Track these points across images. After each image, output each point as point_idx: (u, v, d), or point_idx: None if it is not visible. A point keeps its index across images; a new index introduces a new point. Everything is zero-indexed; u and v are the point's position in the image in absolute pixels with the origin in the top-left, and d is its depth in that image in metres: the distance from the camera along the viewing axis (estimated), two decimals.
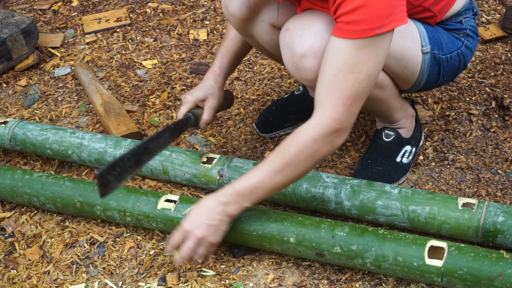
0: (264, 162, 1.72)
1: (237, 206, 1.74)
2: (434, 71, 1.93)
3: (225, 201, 1.73)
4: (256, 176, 1.72)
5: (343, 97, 1.62)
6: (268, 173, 1.71)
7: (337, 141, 1.68)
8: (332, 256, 1.76)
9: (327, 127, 1.65)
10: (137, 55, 2.77)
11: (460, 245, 1.69)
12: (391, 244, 1.71)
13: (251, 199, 1.73)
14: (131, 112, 2.47)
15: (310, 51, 1.70)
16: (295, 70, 1.76)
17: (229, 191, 1.74)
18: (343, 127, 1.66)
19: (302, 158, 1.68)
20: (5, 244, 2.03)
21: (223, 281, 1.86)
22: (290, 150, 1.68)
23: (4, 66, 2.69)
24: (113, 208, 1.95)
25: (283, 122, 2.30)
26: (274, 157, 1.70)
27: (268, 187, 1.72)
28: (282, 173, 1.70)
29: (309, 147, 1.67)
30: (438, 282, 1.68)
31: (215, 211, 1.74)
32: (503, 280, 1.61)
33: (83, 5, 3.11)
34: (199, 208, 1.76)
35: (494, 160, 2.16)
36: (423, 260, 1.67)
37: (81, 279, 1.90)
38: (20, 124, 2.23)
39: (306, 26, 1.71)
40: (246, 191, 1.72)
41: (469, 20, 1.96)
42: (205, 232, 1.73)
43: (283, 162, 1.69)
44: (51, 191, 2.02)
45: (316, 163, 1.70)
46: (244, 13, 1.91)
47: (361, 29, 1.56)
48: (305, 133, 1.67)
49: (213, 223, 1.74)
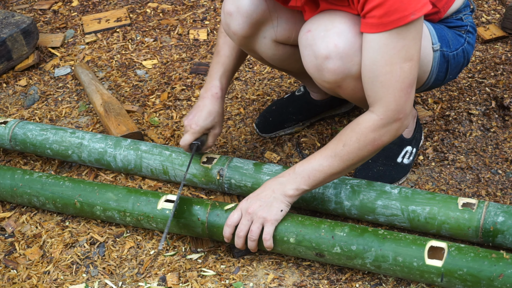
0: (324, 148, 1.76)
1: (295, 186, 1.77)
2: (442, 68, 1.92)
3: (282, 180, 1.78)
4: (316, 160, 1.75)
5: (405, 88, 1.66)
6: (328, 158, 1.74)
7: (402, 128, 1.72)
8: (332, 256, 1.76)
9: (390, 118, 1.69)
10: (137, 55, 2.77)
11: (460, 245, 1.69)
12: (391, 244, 1.71)
13: (309, 181, 1.76)
14: (131, 112, 2.47)
15: (335, 52, 1.68)
16: (317, 72, 1.74)
17: (289, 171, 1.79)
18: (406, 115, 1.70)
19: (364, 146, 1.71)
20: (5, 244, 2.03)
21: (223, 281, 1.86)
22: (352, 140, 1.71)
23: (4, 66, 2.69)
24: (113, 208, 1.95)
25: (283, 122, 2.30)
26: (333, 144, 1.74)
27: (327, 171, 1.75)
28: (343, 160, 1.73)
29: (371, 137, 1.70)
30: (438, 282, 1.68)
31: (271, 188, 1.78)
32: (502, 280, 1.60)
33: (83, 5, 3.11)
34: (259, 188, 1.81)
35: (494, 160, 2.16)
36: (423, 260, 1.67)
37: (81, 279, 1.90)
38: (20, 124, 2.23)
39: (329, 27, 1.69)
40: (304, 173, 1.76)
41: (468, 17, 1.97)
42: (257, 207, 1.77)
43: (344, 150, 1.72)
44: (51, 191, 2.02)
45: (378, 150, 1.74)
46: (246, 31, 1.90)
47: (397, 18, 1.57)
48: (367, 125, 1.70)
49: (266, 199, 1.77)
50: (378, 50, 1.63)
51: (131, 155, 2.12)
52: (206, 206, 1.87)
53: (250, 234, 1.78)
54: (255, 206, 1.77)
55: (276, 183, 1.79)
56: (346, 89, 1.77)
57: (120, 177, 2.20)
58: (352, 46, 1.68)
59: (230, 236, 1.81)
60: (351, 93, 1.79)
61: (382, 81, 1.65)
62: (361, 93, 1.76)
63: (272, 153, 2.25)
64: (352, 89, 1.77)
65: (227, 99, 2.50)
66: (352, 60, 1.69)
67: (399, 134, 1.74)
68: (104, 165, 2.17)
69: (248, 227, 1.78)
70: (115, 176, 2.20)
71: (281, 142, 2.29)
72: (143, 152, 2.12)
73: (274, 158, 2.23)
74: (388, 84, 1.65)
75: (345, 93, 1.79)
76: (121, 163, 2.14)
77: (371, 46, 1.63)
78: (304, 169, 1.76)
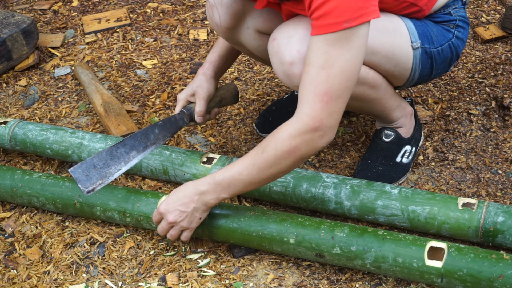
0: (245, 156, 1.73)
1: (215, 196, 1.75)
2: (426, 65, 1.93)
3: (203, 190, 1.76)
4: (235, 169, 1.73)
5: (319, 94, 1.60)
6: (247, 167, 1.71)
7: (319, 142, 1.64)
8: (331, 257, 1.76)
9: (305, 124, 1.63)
10: (137, 55, 2.77)
11: (460, 246, 1.69)
12: (391, 245, 1.71)
13: (229, 190, 1.74)
14: (131, 112, 2.47)
15: (298, 58, 1.71)
16: (285, 77, 1.76)
17: (208, 179, 1.76)
18: (323, 125, 1.62)
19: (280, 154, 1.66)
20: (5, 244, 2.03)
21: (223, 281, 1.86)
22: (269, 146, 1.67)
23: (4, 66, 2.69)
24: (112, 208, 1.95)
25: (283, 122, 2.29)
26: (254, 151, 1.71)
27: (246, 180, 1.72)
28: (261, 168, 1.69)
29: (287, 144, 1.64)
30: (438, 283, 1.68)
31: (191, 198, 1.77)
32: (503, 281, 1.60)
33: (83, 5, 3.11)
34: (177, 193, 1.80)
35: (494, 160, 2.16)
36: (422, 261, 1.67)
37: (81, 279, 1.90)
38: (20, 124, 2.23)
39: (292, 33, 1.72)
40: (224, 182, 1.73)
41: (458, 11, 1.96)
42: (176, 217, 1.78)
43: (262, 157, 1.68)
44: (50, 191, 2.02)
45: (296, 162, 1.67)
46: (229, 22, 1.93)
47: (329, 23, 1.54)
48: (284, 129, 1.66)
49: (186, 210, 1.77)
50: (308, 51, 1.61)
51: None
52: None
53: (169, 236, 1.83)
54: (175, 216, 1.78)
55: (196, 193, 1.76)
56: None
57: (120, 177, 2.20)
58: None
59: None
60: None
61: (303, 81, 1.63)
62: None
63: None
64: None
65: None
66: None
67: (318, 147, 1.65)
68: None
69: (167, 231, 1.83)
70: None
71: None
72: None
73: None
74: (305, 85, 1.62)
75: None
76: None
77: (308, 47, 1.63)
78: (224, 178, 1.73)
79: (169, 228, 1.82)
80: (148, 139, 1.96)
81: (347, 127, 2.32)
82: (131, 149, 1.93)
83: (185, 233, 1.83)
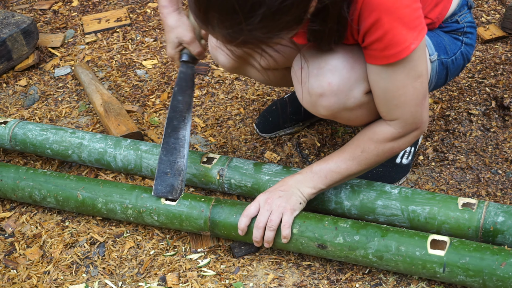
0: (341, 151, 1.79)
1: (312, 184, 1.80)
2: (442, 75, 1.92)
3: (301, 178, 1.81)
4: (333, 162, 1.79)
5: (419, 102, 1.69)
6: (346, 161, 1.78)
7: (420, 134, 1.77)
8: (334, 247, 1.77)
9: (409, 130, 1.73)
10: (137, 55, 2.77)
11: (461, 239, 1.72)
12: (394, 234, 1.74)
13: (326, 181, 1.80)
14: (131, 112, 2.47)
15: (329, 90, 1.69)
16: (311, 107, 1.77)
17: (306, 170, 1.82)
18: (423, 123, 1.75)
19: (382, 154, 1.76)
20: (5, 244, 2.03)
21: (223, 281, 1.86)
22: (370, 147, 1.75)
23: (4, 66, 2.69)
24: (115, 201, 1.95)
25: (283, 122, 2.30)
26: (353, 149, 1.77)
27: (344, 173, 1.79)
28: (360, 163, 1.78)
29: (390, 146, 1.75)
30: (440, 273, 1.68)
31: (289, 184, 1.81)
32: (505, 269, 1.62)
33: (83, 5, 3.11)
34: (277, 184, 1.84)
35: (494, 160, 2.16)
36: (425, 249, 1.70)
37: (81, 279, 1.90)
38: (20, 124, 2.23)
39: (322, 64, 1.69)
40: (322, 173, 1.79)
41: (465, 17, 1.95)
42: (276, 198, 1.79)
43: (362, 155, 1.76)
44: (54, 183, 2.02)
45: (395, 154, 1.81)
46: (232, 63, 1.96)
47: (399, 51, 1.57)
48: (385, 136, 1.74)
49: (286, 190, 1.80)
50: (387, 79, 1.63)
51: (131, 155, 2.12)
52: (210, 200, 1.89)
53: (270, 224, 1.78)
54: (274, 197, 1.80)
55: (294, 181, 1.82)
56: (341, 118, 1.79)
57: (120, 177, 2.20)
58: (346, 82, 1.68)
59: (245, 227, 1.81)
60: (346, 121, 1.82)
61: (396, 104, 1.67)
62: (357, 121, 1.80)
63: (272, 153, 2.25)
64: (347, 119, 1.79)
65: (227, 99, 2.50)
66: (347, 95, 1.70)
67: (418, 138, 1.78)
68: (104, 165, 2.17)
69: (267, 218, 1.79)
70: (115, 176, 2.20)
71: (281, 142, 2.29)
72: (143, 152, 2.12)
73: (274, 158, 2.23)
74: (403, 104, 1.67)
75: (340, 121, 1.82)
76: (121, 163, 2.14)
77: (379, 76, 1.64)
78: (321, 169, 1.80)
79: (268, 214, 1.78)
80: (181, 111, 1.94)
81: (347, 127, 2.32)
82: (177, 131, 1.94)
83: (285, 217, 1.78)
